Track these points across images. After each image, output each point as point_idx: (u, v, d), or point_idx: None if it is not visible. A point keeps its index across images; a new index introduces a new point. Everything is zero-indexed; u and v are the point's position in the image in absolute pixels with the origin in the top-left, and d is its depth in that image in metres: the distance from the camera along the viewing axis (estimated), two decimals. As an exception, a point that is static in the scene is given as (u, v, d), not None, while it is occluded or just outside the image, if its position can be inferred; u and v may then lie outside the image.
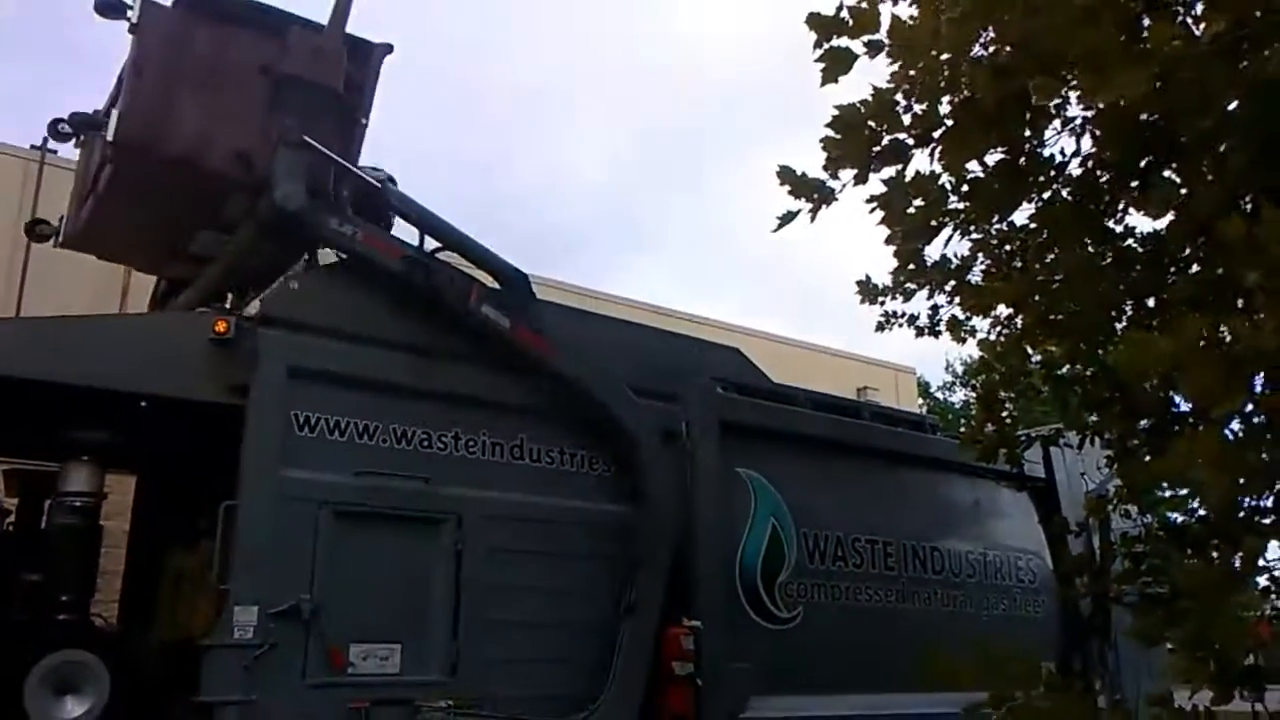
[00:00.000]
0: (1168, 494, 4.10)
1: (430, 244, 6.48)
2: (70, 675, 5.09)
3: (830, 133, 3.28)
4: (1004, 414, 4.90)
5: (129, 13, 5.97)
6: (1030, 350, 5.00)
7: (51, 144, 7.34)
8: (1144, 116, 3.14)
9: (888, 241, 4.25)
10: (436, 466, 6.12)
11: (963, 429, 6.17)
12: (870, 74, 3.22)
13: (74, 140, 6.82)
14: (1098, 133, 3.43)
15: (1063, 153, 3.63)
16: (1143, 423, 4.12)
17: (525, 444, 6.52)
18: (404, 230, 6.52)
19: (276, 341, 5.73)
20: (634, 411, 6.72)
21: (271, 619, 5.32)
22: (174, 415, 5.65)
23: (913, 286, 4.65)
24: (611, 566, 6.53)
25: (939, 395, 29.56)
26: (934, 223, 3.84)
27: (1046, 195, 3.75)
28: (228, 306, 6.33)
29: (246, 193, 6.11)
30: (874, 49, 3.11)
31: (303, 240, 6.26)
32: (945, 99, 3.30)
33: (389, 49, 6.74)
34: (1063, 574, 7.41)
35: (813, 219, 3.42)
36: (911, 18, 3.21)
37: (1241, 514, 2.83)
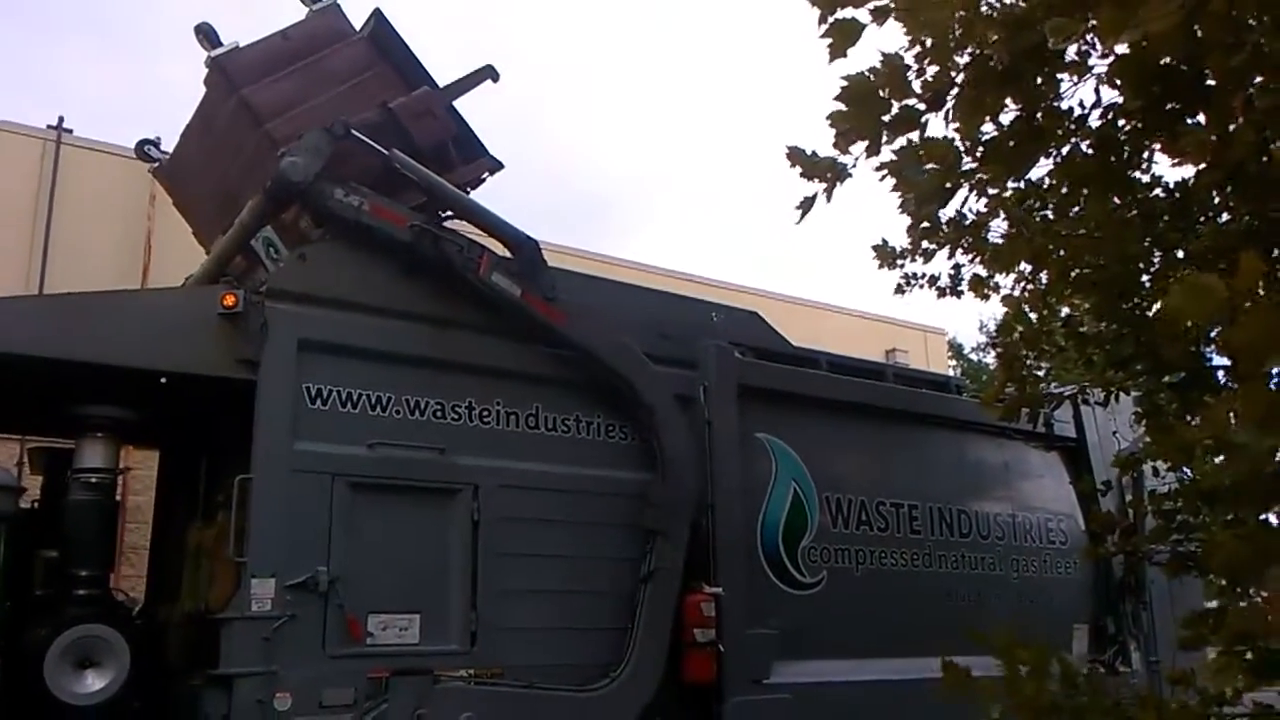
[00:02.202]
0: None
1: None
2: (90, 649, 5.14)
3: (839, 106, 3.13)
4: (1024, 372, 4.75)
5: (317, 4, 6.82)
6: (1054, 306, 4.85)
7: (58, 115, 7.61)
8: (1166, 61, 2.96)
9: (901, 209, 4.10)
10: (451, 436, 6.08)
11: (985, 389, 6.02)
12: (877, 44, 3.07)
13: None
14: (1119, 81, 3.25)
15: (1081, 104, 3.46)
16: (1167, 378, 3.97)
17: (540, 412, 6.46)
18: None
19: (286, 315, 5.69)
20: (649, 377, 6.63)
21: (289, 591, 5.33)
22: (188, 390, 5.63)
23: (932, 247, 4.49)
24: (630, 534, 6.48)
25: (973, 357, 29.11)
26: (948, 185, 3.68)
27: (1065, 150, 3.59)
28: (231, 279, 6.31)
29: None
30: (881, 15, 2.96)
31: (314, 215, 6.20)
32: (957, 58, 3.14)
33: (498, 165, 7.00)
34: (1092, 533, 7.27)
35: (828, 199, 3.29)
36: None
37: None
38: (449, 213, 6.41)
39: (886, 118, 3.05)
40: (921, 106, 3.07)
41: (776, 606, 6.90)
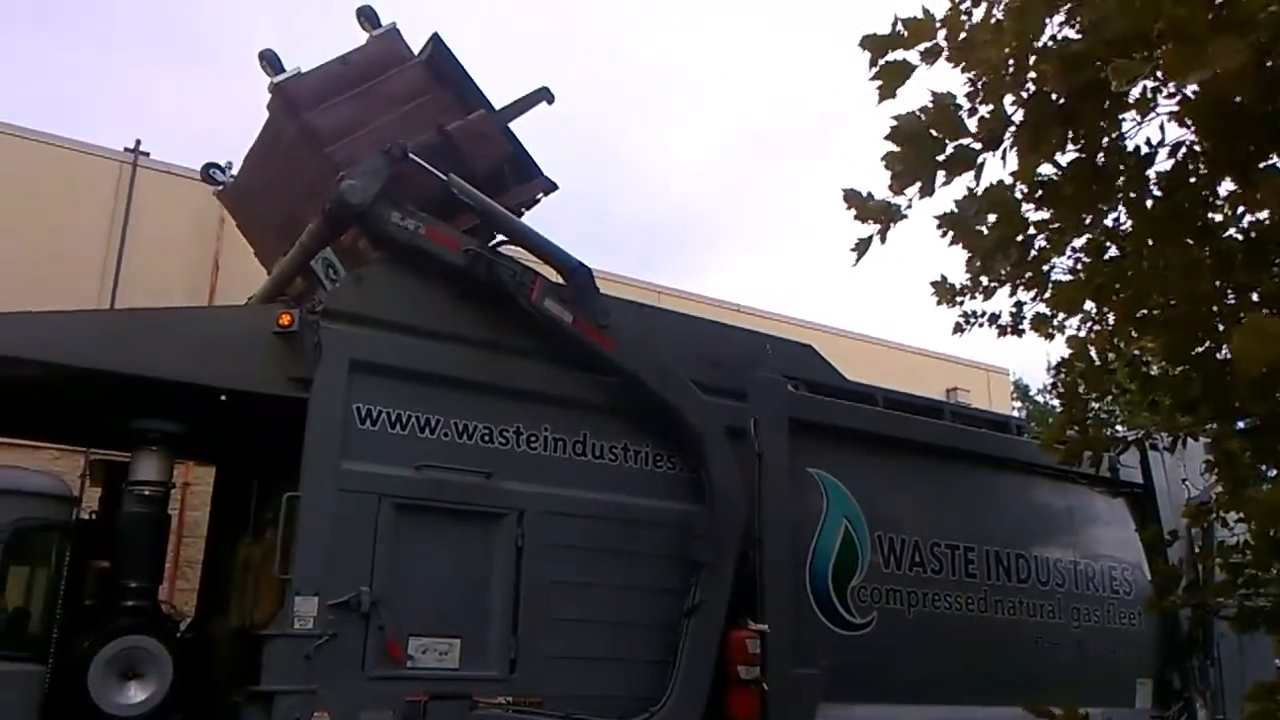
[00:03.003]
0: None
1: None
2: (134, 660, 5.19)
3: (891, 146, 3.06)
4: (1087, 415, 4.57)
5: (377, 29, 7.03)
6: (1121, 347, 4.67)
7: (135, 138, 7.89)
8: (1238, 99, 2.83)
9: (968, 266, 3.99)
10: (498, 461, 6.06)
11: (1046, 431, 5.82)
12: (927, 84, 3.00)
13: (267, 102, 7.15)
14: (1188, 120, 3.12)
15: (1149, 143, 3.33)
16: (1240, 424, 3.78)
17: (588, 440, 6.41)
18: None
19: (339, 335, 5.74)
20: (698, 406, 6.55)
21: (331, 610, 5.34)
22: (243, 406, 5.70)
23: (992, 284, 4.37)
24: (675, 564, 6.38)
25: (1039, 398, 28.37)
26: (1017, 237, 3.56)
27: (1134, 194, 3.45)
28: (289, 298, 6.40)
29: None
30: (931, 56, 2.89)
31: (370, 236, 6.27)
32: (1010, 98, 3.05)
33: (553, 186, 7.06)
34: (1158, 585, 6.98)
35: (883, 241, 3.22)
36: (966, 13, 2.96)
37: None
38: (503, 237, 6.42)
39: (941, 158, 2.97)
40: (977, 146, 2.98)
41: (824, 646, 6.73)
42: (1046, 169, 3.12)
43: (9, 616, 5.28)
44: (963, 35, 2.71)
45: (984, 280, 4.35)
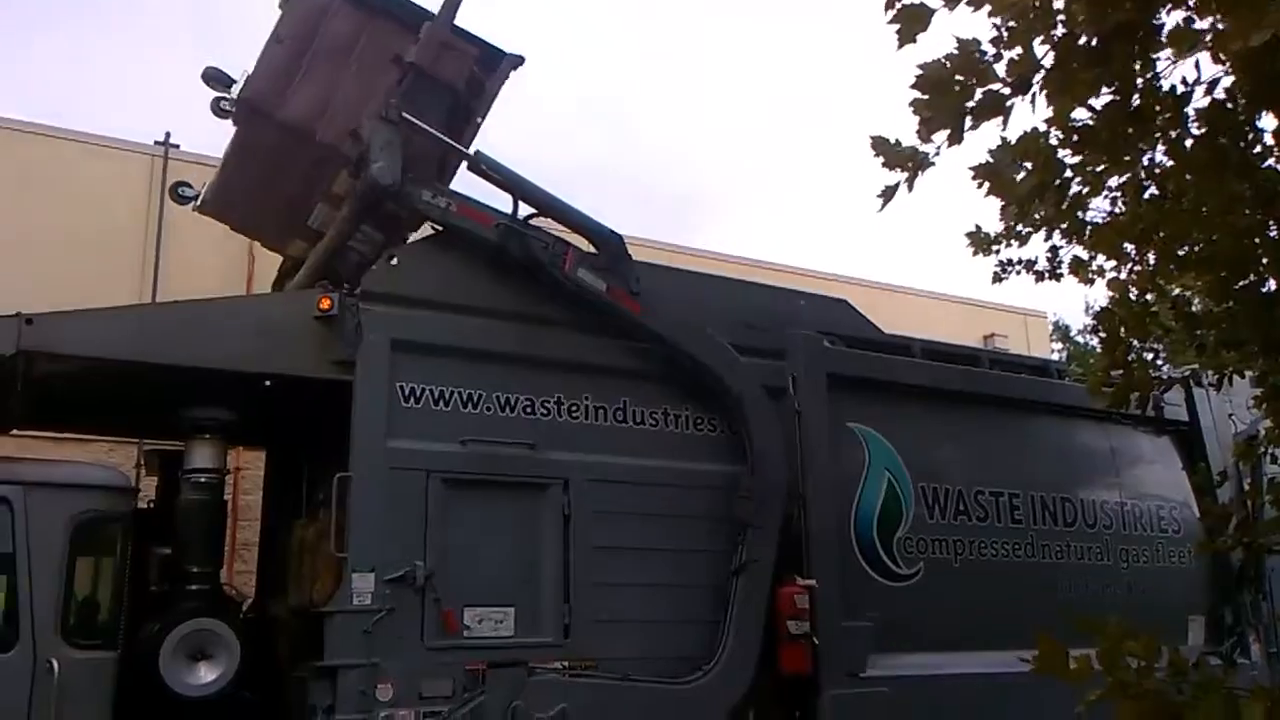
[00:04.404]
0: None
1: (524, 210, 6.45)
2: (202, 642, 5.35)
3: (917, 94, 3.02)
4: (1130, 357, 4.54)
5: None
6: (1162, 286, 4.62)
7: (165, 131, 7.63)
8: None
9: (1002, 213, 3.94)
10: (541, 432, 6.14)
11: (1090, 375, 5.78)
12: (949, 29, 2.95)
13: (232, 116, 6.94)
14: (1223, 56, 3.05)
15: (1185, 82, 3.27)
16: (1288, 360, 3.74)
17: (628, 406, 6.47)
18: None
19: (379, 316, 5.82)
20: (735, 368, 6.58)
21: (388, 585, 5.46)
22: (290, 391, 5.81)
23: (1027, 230, 4.33)
24: (721, 526, 6.44)
25: (1079, 339, 28.00)
26: (1050, 181, 3.52)
27: (1174, 133, 3.39)
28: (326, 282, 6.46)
29: (352, 170, 6.21)
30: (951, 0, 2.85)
31: (400, 218, 6.33)
32: (1040, 40, 3.00)
33: (520, 61, 6.89)
34: (1209, 525, 6.93)
35: (910, 189, 3.19)
36: None
37: None
38: (534, 211, 6.44)
39: (970, 104, 2.94)
40: (1005, 91, 2.95)
41: (872, 598, 6.77)
42: (1080, 113, 3.08)
43: (79, 606, 5.45)
44: None
45: (1020, 228, 4.32)
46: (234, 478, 10.65)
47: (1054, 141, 3.14)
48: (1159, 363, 5.44)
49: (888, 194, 3.25)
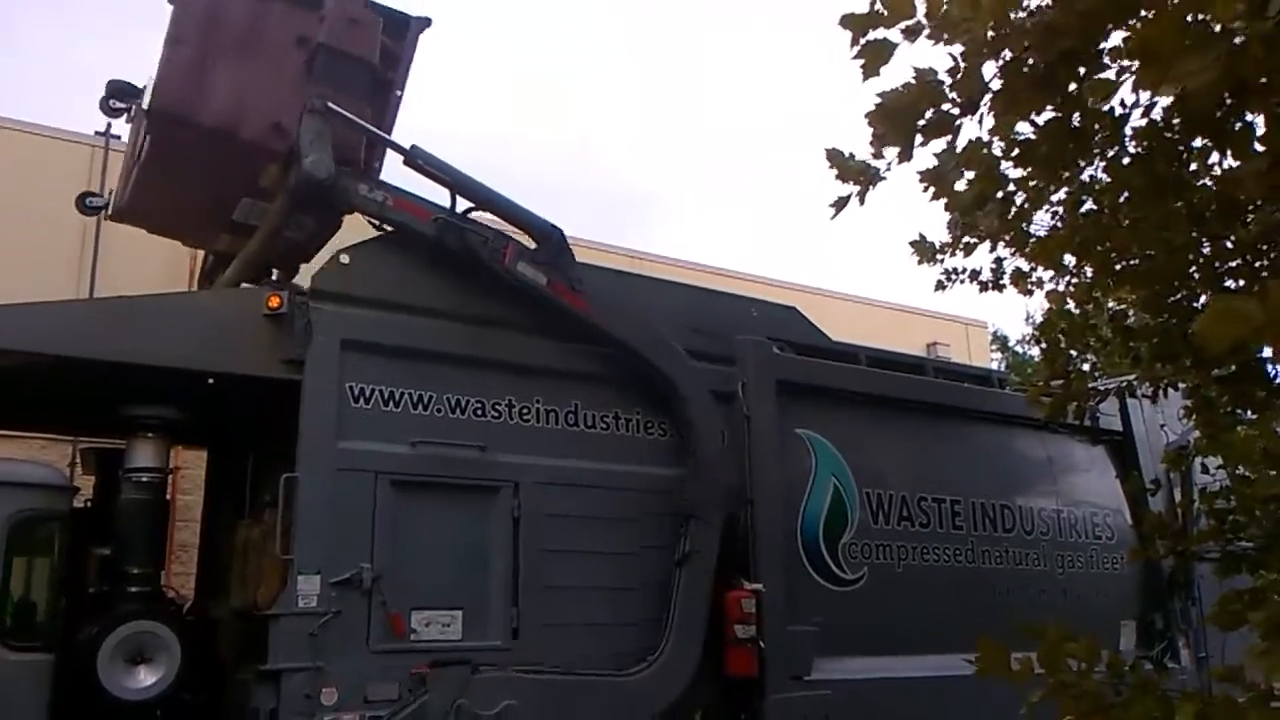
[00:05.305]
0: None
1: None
2: (142, 645, 5.25)
3: (874, 115, 3.13)
4: (1069, 368, 4.68)
5: None
6: (1099, 299, 4.78)
7: (106, 120, 7.36)
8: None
9: (949, 225, 4.05)
10: (491, 434, 6.12)
11: (1030, 385, 5.95)
12: (909, 60, 3.06)
13: (125, 115, 6.85)
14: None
15: (1123, 104, 3.41)
16: (1217, 371, 3.89)
17: (579, 410, 6.48)
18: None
19: (329, 315, 5.77)
20: (678, 364, 6.63)
21: (334, 587, 5.41)
22: (235, 390, 5.72)
23: (973, 241, 4.45)
24: (670, 528, 6.48)
25: (1018, 349, 28.69)
26: (996, 193, 3.64)
27: (1111, 151, 3.53)
28: (276, 281, 6.38)
29: (280, 163, 6.12)
30: (912, 34, 2.96)
31: (336, 209, 6.23)
32: (990, 65, 3.12)
33: (427, 23, 6.74)
34: (1142, 535, 7.16)
35: (861, 202, 3.29)
36: None
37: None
38: (472, 205, 6.34)
39: (920, 123, 3.04)
40: (955, 111, 3.05)
41: (818, 603, 6.87)
42: (1023, 128, 3.20)
43: (15, 607, 5.31)
44: (943, 10, 2.78)
45: (965, 237, 4.44)
46: (172, 478, 10.44)
47: (997, 153, 3.25)
48: (1095, 374, 5.62)
49: (839, 204, 3.34)
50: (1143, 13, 2.49)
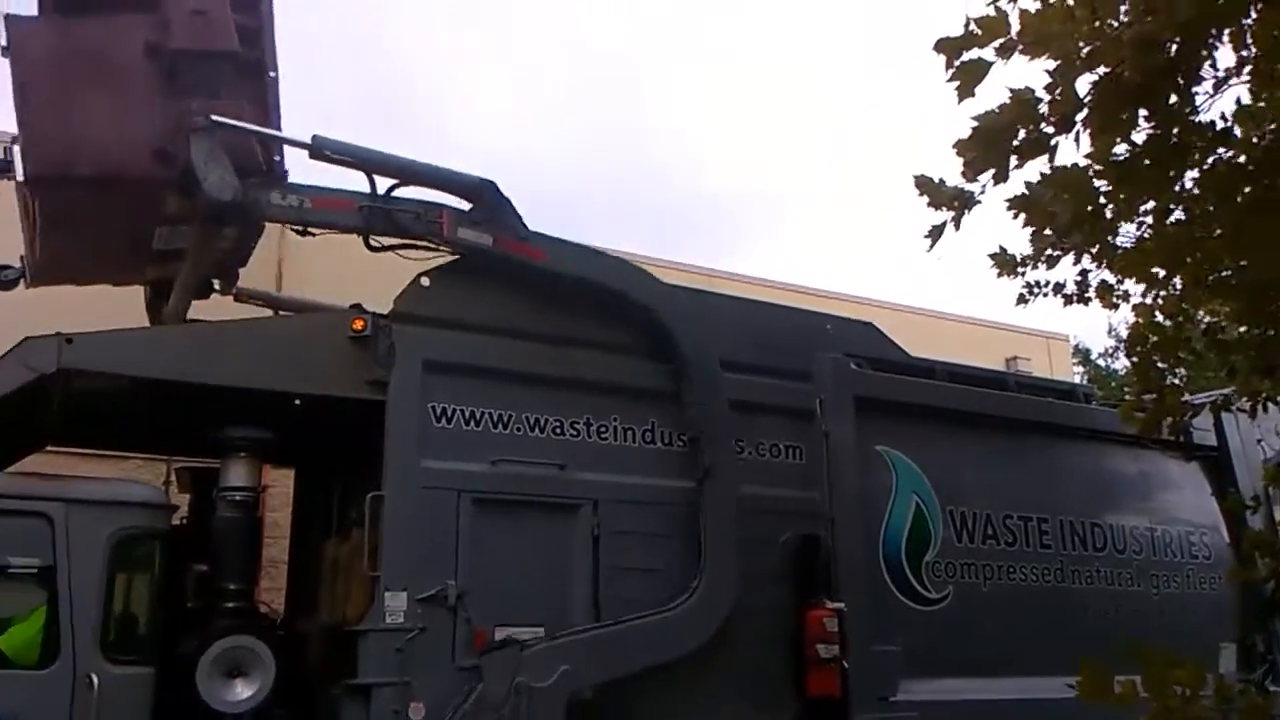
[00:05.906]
0: None
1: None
2: (238, 659, 5.39)
3: (968, 136, 3.10)
4: (1164, 382, 4.56)
5: None
6: (1190, 312, 4.64)
7: None
8: None
9: (1034, 238, 3.98)
10: (570, 452, 6.19)
11: (1125, 398, 5.79)
12: (1003, 80, 3.03)
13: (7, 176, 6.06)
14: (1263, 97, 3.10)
15: (1223, 117, 3.31)
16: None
17: (656, 428, 6.51)
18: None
19: (412, 337, 5.90)
20: (649, 286, 6.55)
21: (420, 604, 5.52)
22: (323, 410, 5.89)
23: (1056, 253, 4.37)
24: (750, 547, 6.43)
25: (1100, 362, 27.88)
26: (1088, 210, 3.57)
27: (1209, 162, 3.43)
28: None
29: (179, 189, 5.73)
30: (1006, 51, 2.92)
31: (254, 220, 6.09)
32: (1084, 80, 3.06)
33: None
34: (1242, 554, 6.89)
35: (956, 228, 3.26)
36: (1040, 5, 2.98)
37: None
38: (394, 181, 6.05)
39: (1015, 143, 3.01)
40: (1050, 130, 3.01)
41: (902, 622, 6.77)
42: (1120, 147, 3.14)
43: (118, 622, 5.52)
44: (1037, 26, 2.75)
45: (1048, 249, 4.36)
46: (262, 495, 10.71)
47: (1093, 174, 3.20)
48: (1191, 389, 5.45)
49: (935, 233, 3.31)
50: (1253, 13, 2.44)
